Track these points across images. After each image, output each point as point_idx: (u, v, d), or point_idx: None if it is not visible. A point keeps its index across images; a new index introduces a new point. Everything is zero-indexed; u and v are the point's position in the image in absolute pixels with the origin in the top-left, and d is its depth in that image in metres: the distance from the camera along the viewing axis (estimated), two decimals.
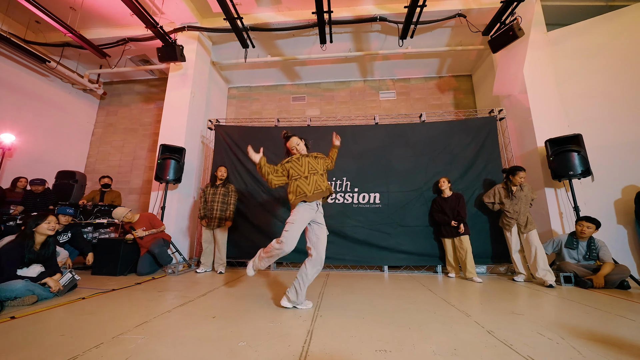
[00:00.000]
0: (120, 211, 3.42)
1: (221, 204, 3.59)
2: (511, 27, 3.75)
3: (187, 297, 2.28)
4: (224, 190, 3.66)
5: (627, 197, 3.60)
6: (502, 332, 1.55)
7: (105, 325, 1.61)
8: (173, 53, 4.29)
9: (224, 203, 3.61)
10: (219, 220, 3.55)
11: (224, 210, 3.60)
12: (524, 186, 3.24)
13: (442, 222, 3.54)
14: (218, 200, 3.58)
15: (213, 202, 3.57)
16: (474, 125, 4.08)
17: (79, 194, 4.43)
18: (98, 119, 6.72)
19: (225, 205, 3.62)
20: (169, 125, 4.52)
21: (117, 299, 2.23)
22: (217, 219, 3.54)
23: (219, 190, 3.64)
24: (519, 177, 3.20)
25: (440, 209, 3.57)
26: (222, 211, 3.59)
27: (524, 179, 3.23)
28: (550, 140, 3.57)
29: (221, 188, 3.65)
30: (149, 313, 1.85)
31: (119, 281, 2.89)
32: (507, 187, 3.33)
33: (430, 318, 1.80)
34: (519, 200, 3.20)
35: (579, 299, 2.35)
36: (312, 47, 5.40)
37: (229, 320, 1.74)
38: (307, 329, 1.60)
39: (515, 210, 3.21)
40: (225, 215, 3.59)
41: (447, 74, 6.09)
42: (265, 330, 1.58)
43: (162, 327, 1.60)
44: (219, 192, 3.62)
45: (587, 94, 3.98)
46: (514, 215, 3.21)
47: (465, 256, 3.26)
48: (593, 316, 1.87)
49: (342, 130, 4.29)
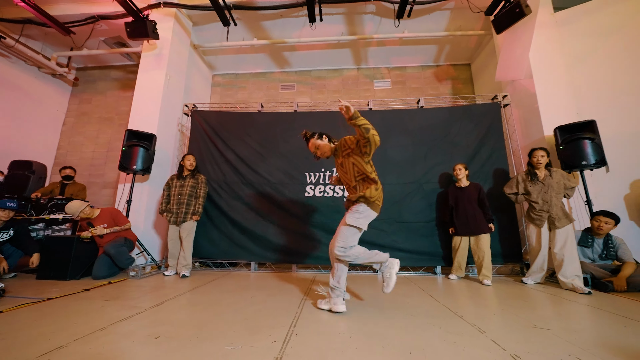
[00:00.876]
0: (76, 205, 2.93)
1: (188, 197, 3.19)
2: (517, 3, 3.40)
3: (136, 308, 1.85)
4: (193, 182, 3.26)
5: (637, 192, 3.30)
6: (530, 357, 1.18)
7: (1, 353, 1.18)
8: (143, 29, 3.82)
9: (192, 196, 3.23)
10: (185, 216, 3.18)
11: (192, 204, 3.23)
12: (554, 172, 2.78)
13: (457, 217, 3.07)
14: (186, 193, 3.19)
15: (181, 195, 3.18)
16: (476, 111, 3.72)
17: (36, 187, 3.93)
18: (70, 107, 6.17)
19: (194, 199, 3.24)
20: (139, 110, 4.05)
21: (44, 312, 1.78)
22: (183, 214, 3.16)
23: (187, 181, 3.24)
24: (535, 158, 2.78)
25: (456, 201, 3.11)
26: (190, 205, 3.21)
27: (543, 159, 2.78)
28: (560, 127, 3.23)
29: (190, 179, 3.25)
30: (71, 334, 1.42)
31: (64, 287, 2.43)
32: (531, 174, 2.86)
33: (436, 336, 1.42)
34: (548, 188, 2.73)
35: (604, 306, 2.00)
36: (301, 30, 4.98)
37: (177, 342, 1.33)
38: (275, 355, 1.19)
39: (544, 200, 2.72)
40: (195, 209, 3.21)
41: (445, 62, 5.75)
42: (221, 356, 1.17)
43: (80, 355, 1.18)
44: (187, 184, 3.22)
45: (598, 78, 3.66)
46: (543, 206, 2.72)
47: (484, 257, 2.86)
48: (636, 330, 1.52)
49: (332, 116, 3.89)
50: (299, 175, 3.71)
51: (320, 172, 3.70)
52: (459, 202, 3.09)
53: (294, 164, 3.75)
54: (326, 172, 3.69)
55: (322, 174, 3.68)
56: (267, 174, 3.74)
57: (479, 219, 2.96)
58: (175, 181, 3.27)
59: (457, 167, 3.14)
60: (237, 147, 3.85)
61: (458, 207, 3.09)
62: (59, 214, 3.29)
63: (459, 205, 3.07)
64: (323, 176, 3.68)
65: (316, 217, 3.54)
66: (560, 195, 2.72)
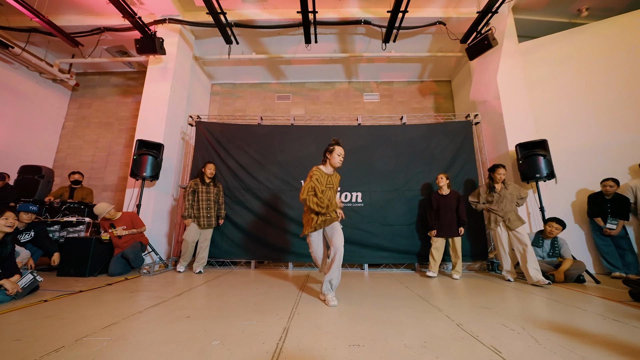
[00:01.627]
0: (103, 206, 3.29)
1: (214, 203, 3.59)
2: (486, 36, 3.95)
3: (161, 298, 2.20)
4: (216, 190, 3.65)
5: (580, 199, 3.90)
6: (470, 325, 1.63)
7: (67, 329, 1.52)
8: (152, 45, 4.13)
9: (216, 202, 3.63)
10: (215, 220, 3.60)
11: (218, 209, 3.65)
12: (509, 185, 3.29)
13: (438, 221, 3.48)
14: (212, 199, 3.57)
15: (209, 201, 3.53)
16: (452, 128, 4.25)
17: (45, 191, 4.15)
18: (69, 111, 6.32)
19: (218, 204, 3.66)
20: (146, 120, 4.34)
21: (83, 300, 2.11)
22: (212, 218, 3.55)
23: (212, 188, 3.61)
24: (497, 174, 3.28)
25: (438, 207, 3.51)
26: (217, 210, 3.63)
27: (503, 176, 3.28)
28: (520, 144, 3.79)
29: (212, 187, 3.62)
30: (118, 314, 1.77)
31: (87, 282, 2.74)
32: (491, 186, 3.38)
33: (405, 314, 1.85)
34: (503, 199, 3.24)
35: (542, 293, 2.51)
36: (297, 46, 5.39)
37: (203, 320, 1.70)
38: (283, 326, 1.60)
39: (501, 208, 3.23)
40: (220, 214, 3.66)
41: (428, 78, 6.30)
42: (241, 328, 1.56)
43: (131, 329, 1.54)
44: (212, 191, 3.60)
45: (553, 100, 4.28)
46: (500, 212, 3.23)
47: (458, 256, 3.34)
48: (553, 308, 2.01)
49: (326, 130, 4.32)
50: (295, 182, 4.11)
51: None
52: (440, 207, 3.50)
53: (290, 172, 4.15)
54: None
55: None
56: (266, 181, 4.13)
57: (456, 224, 3.42)
58: (201, 187, 3.54)
59: (440, 176, 3.55)
60: (238, 156, 4.21)
61: (440, 212, 3.51)
62: (72, 216, 3.56)
63: (441, 211, 3.49)
64: None
65: None
66: (513, 204, 3.25)
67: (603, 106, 4.02)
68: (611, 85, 4.02)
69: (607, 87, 4.04)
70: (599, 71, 4.12)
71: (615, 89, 3.99)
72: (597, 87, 4.09)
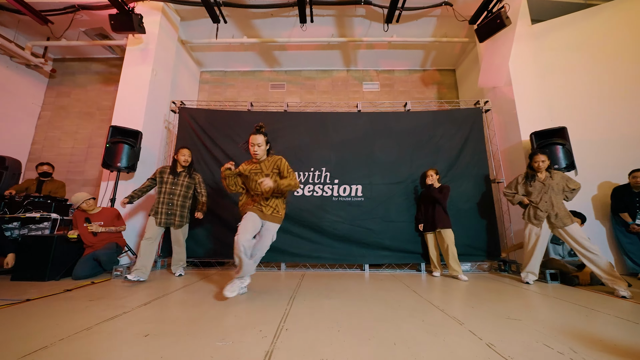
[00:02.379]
0: (81, 195, 2.93)
1: (182, 199, 2.95)
2: (499, 14, 3.60)
3: (123, 307, 1.83)
4: (188, 182, 3.02)
5: (603, 193, 3.60)
6: (502, 344, 1.29)
7: None
8: (129, 22, 3.71)
9: (186, 198, 3.01)
10: (179, 219, 2.92)
11: (185, 206, 2.99)
12: (555, 174, 2.77)
13: (425, 215, 3.32)
14: (179, 193, 2.93)
15: (172, 195, 2.89)
16: (459, 116, 3.90)
17: (9, 184, 3.73)
18: (46, 100, 5.86)
19: (187, 200, 3.01)
20: (124, 106, 3.93)
21: (26, 313, 1.73)
22: (176, 217, 2.90)
23: (182, 180, 2.97)
24: (534, 162, 2.79)
25: (424, 202, 3.36)
26: (185, 208, 2.99)
27: (543, 164, 2.77)
28: (535, 133, 3.46)
29: (185, 178, 3.00)
30: (58, 333, 1.39)
31: (42, 288, 2.35)
32: (530, 175, 2.87)
33: (419, 328, 1.50)
34: (548, 189, 2.72)
35: (569, 298, 2.18)
36: (292, 29, 5.00)
37: (164, 339, 1.34)
38: (266, 349, 1.24)
39: (544, 200, 2.71)
40: (184, 212, 2.99)
41: (431, 67, 5.95)
42: (209, 354, 1.19)
43: (65, 354, 1.17)
44: (182, 183, 2.96)
45: (569, 87, 3.95)
46: (542, 206, 2.71)
47: (447, 251, 3.01)
48: (595, 319, 1.68)
49: (323, 117, 3.95)
50: None
51: (309, 171, 3.75)
52: (422, 200, 3.40)
53: None
54: (315, 172, 3.74)
55: (312, 174, 3.73)
56: None
57: (438, 216, 3.13)
58: (167, 176, 2.93)
59: (429, 172, 3.35)
60: (225, 145, 3.82)
61: (423, 205, 3.37)
62: (35, 212, 3.15)
63: (424, 204, 3.35)
64: (312, 175, 3.73)
65: (305, 216, 3.58)
66: (560, 196, 2.71)
67: (628, 90, 3.69)
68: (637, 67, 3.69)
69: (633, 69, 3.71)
70: (621, 53, 3.79)
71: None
72: (619, 70, 3.76)
